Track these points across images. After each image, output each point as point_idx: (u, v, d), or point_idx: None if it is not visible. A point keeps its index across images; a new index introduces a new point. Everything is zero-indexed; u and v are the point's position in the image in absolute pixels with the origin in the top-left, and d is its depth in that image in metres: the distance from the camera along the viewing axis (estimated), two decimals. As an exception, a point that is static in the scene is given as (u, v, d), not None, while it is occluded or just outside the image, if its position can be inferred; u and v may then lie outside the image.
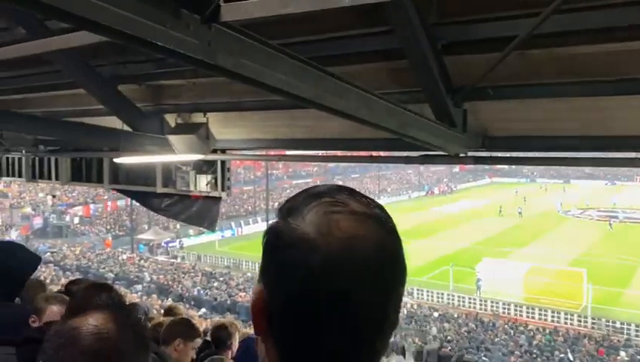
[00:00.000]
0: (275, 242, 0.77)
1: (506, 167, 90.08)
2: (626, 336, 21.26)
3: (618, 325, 22.44)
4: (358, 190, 0.81)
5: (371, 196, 0.82)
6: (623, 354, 18.13)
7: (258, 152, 7.31)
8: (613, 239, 39.91)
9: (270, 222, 0.81)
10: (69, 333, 1.21)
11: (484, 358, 15.65)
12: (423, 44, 2.95)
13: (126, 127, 5.36)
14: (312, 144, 5.93)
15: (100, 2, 1.31)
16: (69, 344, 1.20)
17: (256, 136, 6.01)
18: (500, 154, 5.11)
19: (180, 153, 5.58)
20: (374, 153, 5.66)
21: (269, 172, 49.45)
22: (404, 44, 3.10)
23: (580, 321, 23.47)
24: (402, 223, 0.79)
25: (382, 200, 64.73)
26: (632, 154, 4.66)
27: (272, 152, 7.65)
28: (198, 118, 5.55)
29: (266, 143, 6.12)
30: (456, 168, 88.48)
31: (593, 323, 23.10)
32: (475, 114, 4.11)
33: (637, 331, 21.90)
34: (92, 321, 1.23)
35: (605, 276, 28.00)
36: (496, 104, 4.13)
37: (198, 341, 3.82)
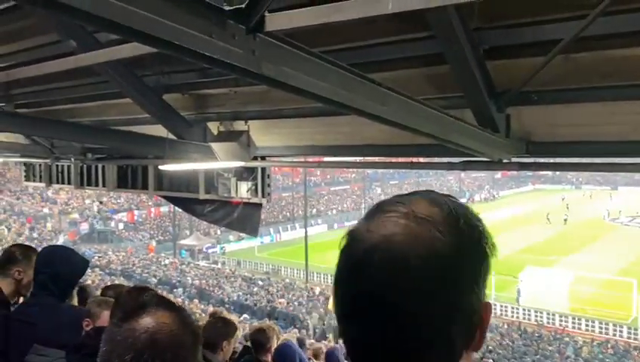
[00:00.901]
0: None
1: (549, 173, 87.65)
2: (680, 350, 20.31)
3: (671, 338, 21.47)
4: (441, 192, 0.85)
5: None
6: (676, 368, 17.32)
7: (296, 159, 7.38)
8: (666, 248, 38.21)
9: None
10: (130, 334, 1.25)
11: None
12: (465, 49, 2.93)
13: (171, 135, 5.50)
14: (350, 150, 5.93)
15: (154, 16, 1.37)
16: (133, 344, 1.23)
17: (295, 143, 6.07)
18: (544, 160, 4.99)
19: (222, 160, 5.69)
20: (414, 159, 5.63)
21: (307, 178, 49.61)
22: (445, 49, 3.09)
23: (630, 333, 22.54)
24: None
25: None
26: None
27: (310, 159, 7.70)
28: (240, 125, 5.65)
29: (304, 150, 6.17)
30: (498, 175, 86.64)
31: (644, 336, 22.17)
32: (518, 119, 4.04)
33: (692, 345, 20.89)
34: (150, 320, 1.27)
35: (657, 286, 26.82)
36: (539, 109, 4.04)
37: (238, 334, 3.89)
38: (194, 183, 7.13)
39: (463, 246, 0.76)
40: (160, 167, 6.96)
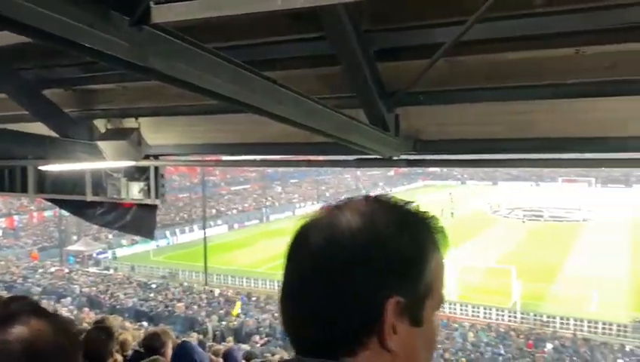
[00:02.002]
0: None
1: (437, 170, 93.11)
2: (552, 329, 22.46)
3: (545, 319, 23.67)
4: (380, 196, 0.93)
5: (310, 201, 0.92)
6: (549, 346, 19.13)
7: (193, 158, 7.19)
8: (539, 237, 42.09)
9: None
10: (2, 346, 1.14)
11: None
12: (356, 50, 3.01)
13: (53, 133, 5.12)
14: (249, 149, 5.89)
15: (24, 2, 1.25)
16: (8, 356, 1.13)
17: (190, 142, 5.91)
18: (431, 157, 5.27)
19: (110, 160, 5.40)
20: (311, 157, 5.70)
21: (206, 178, 48.54)
22: (337, 50, 3.16)
23: (511, 317, 24.57)
24: None
25: (320, 205, 64.85)
26: (556, 156, 4.96)
27: (207, 158, 7.53)
28: (130, 123, 5.39)
29: (201, 149, 6.02)
30: (391, 172, 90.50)
31: (522, 318, 24.25)
32: (406, 118, 4.23)
33: (561, 324, 23.18)
34: (23, 329, 1.17)
35: (533, 272, 29.48)
36: (427, 108, 4.28)
37: (130, 340, 3.72)
38: (80, 185, 6.69)
39: (367, 242, 0.82)
40: (41, 168, 6.46)
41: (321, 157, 5.91)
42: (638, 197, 61.44)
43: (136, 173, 6.36)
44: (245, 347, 14.82)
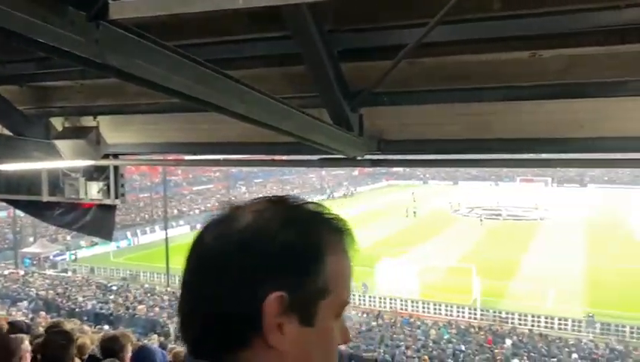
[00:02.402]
0: None
1: (401, 170, 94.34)
2: (510, 325, 23.04)
3: (504, 315, 24.27)
4: (280, 196, 0.91)
5: None
6: (508, 341, 19.62)
7: (154, 157, 7.05)
8: (498, 235, 43.12)
9: None
10: None
11: (383, 354, 16.22)
12: (319, 50, 3.02)
13: (6, 131, 4.94)
14: (212, 148, 5.82)
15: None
16: None
17: (151, 141, 5.80)
18: (394, 156, 5.33)
19: (68, 159, 5.24)
20: (275, 157, 5.68)
21: (168, 178, 47.74)
22: (301, 49, 3.15)
23: (471, 313, 25.09)
24: None
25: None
26: (514, 156, 5.09)
27: (169, 157, 7.41)
28: (88, 121, 5.25)
29: (162, 148, 5.92)
30: (356, 172, 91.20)
31: (482, 315, 24.80)
32: (370, 118, 4.26)
33: (520, 320, 23.81)
34: None
35: (492, 270, 30.18)
36: (390, 109, 4.31)
37: (88, 344, 3.63)
38: (36, 184, 6.47)
39: (250, 237, 0.80)
40: (-8, 167, 6.21)
41: (285, 157, 5.89)
42: (592, 197, 63.76)
43: (95, 173, 6.20)
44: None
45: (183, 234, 47.19)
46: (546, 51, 3.32)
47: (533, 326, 23.02)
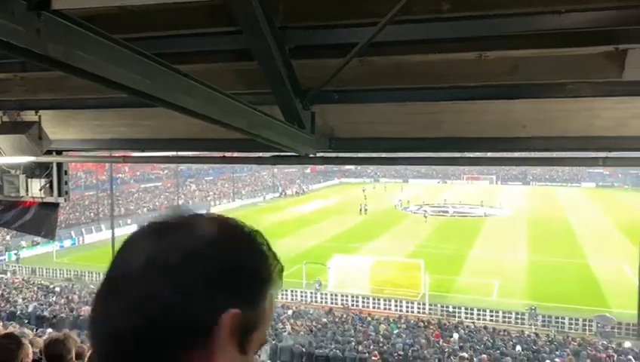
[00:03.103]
0: None
1: (352, 168, 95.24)
2: (457, 319, 23.69)
3: (451, 309, 24.92)
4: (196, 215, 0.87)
5: (226, 199, 0.85)
6: (455, 335, 20.15)
7: (100, 154, 6.84)
8: (446, 231, 44.23)
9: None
10: None
11: (335, 350, 16.35)
12: (271, 46, 3.00)
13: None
14: (161, 145, 5.71)
15: None
16: None
17: (98, 137, 5.62)
18: (346, 154, 5.38)
19: (7, 155, 5.01)
20: (227, 154, 5.62)
21: (114, 175, 46.32)
22: (252, 45, 3.13)
23: (419, 308, 25.63)
24: (259, 224, 0.82)
25: (237, 203, 64.42)
26: (462, 154, 5.24)
27: (115, 154, 7.20)
28: (29, 116, 5.03)
29: (108, 144, 5.74)
30: (308, 170, 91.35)
31: (431, 309, 25.37)
32: (323, 116, 4.29)
33: (466, 314, 24.53)
34: None
35: (440, 265, 30.93)
36: (342, 107, 4.35)
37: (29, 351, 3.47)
38: (-28, 182, 6.15)
39: (197, 256, 0.78)
40: None
41: (236, 154, 5.84)
42: (534, 194, 66.42)
43: (37, 170, 5.96)
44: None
45: (131, 233, 45.89)
46: (492, 53, 3.43)
47: (479, 319, 23.77)
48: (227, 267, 0.78)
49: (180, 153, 7.04)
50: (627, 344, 19.87)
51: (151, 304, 0.74)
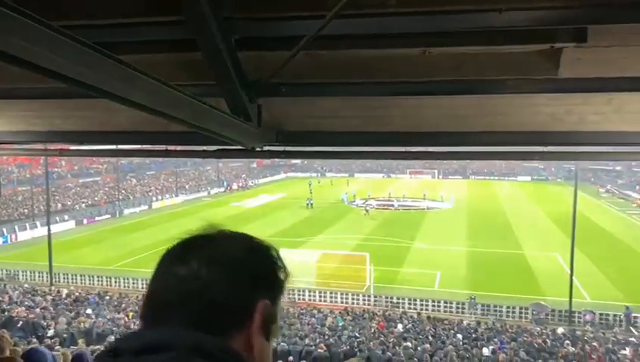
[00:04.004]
0: None
1: (299, 162, 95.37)
2: (401, 310, 24.24)
3: (395, 300, 25.47)
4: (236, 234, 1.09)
5: (168, 194, 0.92)
6: (399, 326, 20.61)
7: (35, 147, 6.52)
8: (390, 224, 45.08)
9: None
10: None
11: (281, 344, 16.35)
12: (215, 36, 2.94)
13: None
14: (100, 137, 5.48)
15: None
16: None
17: (33, 129, 5.34)
18: (293, 148, 5.36)
19: None
20: (170, 147, 5.48)
21: (50, 170, 44.31)
22: (196, 35, 3.06)
23: (365, 300, 26.05)
24: (202, 219, 0.91)
25: (180, 198, 63.14)
26: (405, 149, 5.33)
27: (52, 147, 6.87)
28: (-45, 106, 4.72)
29: (44, 136, 5.47)
30: (254, 164, 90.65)
31: (376, 301, 25.83)
32: (269, 109, 4.25)
33: (410, 304, 25.13)
34: None
35: (384, 257, 31.56)
36: (289, 100, 4.33)
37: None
38: None
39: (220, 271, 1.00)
40: None
41: (180, 147, 5.70)
42: (473, 187, 68.69)
43: (-36, 163, 5.60)
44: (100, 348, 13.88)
45: (69, 230, 44.26)
46: (436, 49, 3.50)
47: (422, 309, 24.41)
48: (261, 269, 1.04)
49: (121, 146, 6.81)
50: (560, 330, 20.93)
51: (208, 290, 0.96)
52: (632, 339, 19.80)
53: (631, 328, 22.20)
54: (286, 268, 1.10)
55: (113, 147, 6.68)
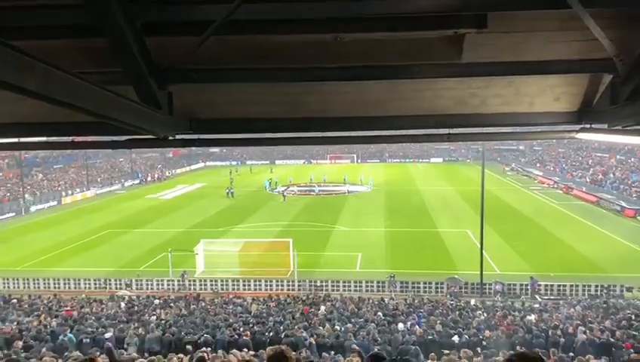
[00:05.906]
0: None
1: (217, 150, 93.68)
2: (325, 292, 24.67)
3: (319, 284, 25.89)
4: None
5: (79, 188, 0.81)
6: (323, 308, 20.98)
7: None
8: (312, 209, 45.57)
9: None
10: None
11: (205, 335, 16.13)
12: (119, 20, 2.82)
13: None
14: (-2, 130, 5.10)
15: None
16: None
17: None
18: (208, 136, 5.27)
19: None
20: (76, 138, 5.20)
21: (-58, 166, 40.56)
22: (100, 19, 2.91)
23: (289, 285, 26.25)
24: (119, 213, 0.80)
25: (91, 191, 60.07)
26: (323, 134, 5.39)
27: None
28: None
29: None
30: (170, 153, 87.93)
31: (300, 286, 26.10)
32: (181, 97, 4.14)
33: (333, 286, 25.65)
34: None
35: (307, 242, 31.88)
36: (202, 87, 4.24)
37: None
38: None
39: None
40: None
41: (89, 138, 5.43)
42: (391, 169, 70.83)
43: None
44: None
45: (-35, 232, 40.92)
46: (347, 35, 3.57)
47: (344, 291, 24.99)
48: None
49: (23, 139, 6.36)
50: (472, 301, 22.24)
51: None
52: (536, 306, 21.40)
53: (536, 296, 24.00)
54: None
55: (14, 140, 6.23)
